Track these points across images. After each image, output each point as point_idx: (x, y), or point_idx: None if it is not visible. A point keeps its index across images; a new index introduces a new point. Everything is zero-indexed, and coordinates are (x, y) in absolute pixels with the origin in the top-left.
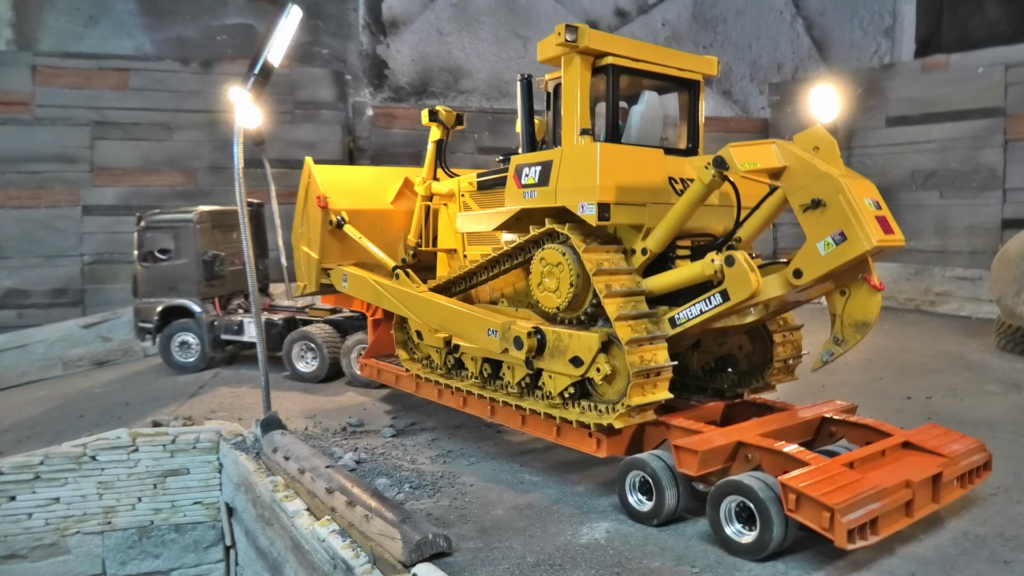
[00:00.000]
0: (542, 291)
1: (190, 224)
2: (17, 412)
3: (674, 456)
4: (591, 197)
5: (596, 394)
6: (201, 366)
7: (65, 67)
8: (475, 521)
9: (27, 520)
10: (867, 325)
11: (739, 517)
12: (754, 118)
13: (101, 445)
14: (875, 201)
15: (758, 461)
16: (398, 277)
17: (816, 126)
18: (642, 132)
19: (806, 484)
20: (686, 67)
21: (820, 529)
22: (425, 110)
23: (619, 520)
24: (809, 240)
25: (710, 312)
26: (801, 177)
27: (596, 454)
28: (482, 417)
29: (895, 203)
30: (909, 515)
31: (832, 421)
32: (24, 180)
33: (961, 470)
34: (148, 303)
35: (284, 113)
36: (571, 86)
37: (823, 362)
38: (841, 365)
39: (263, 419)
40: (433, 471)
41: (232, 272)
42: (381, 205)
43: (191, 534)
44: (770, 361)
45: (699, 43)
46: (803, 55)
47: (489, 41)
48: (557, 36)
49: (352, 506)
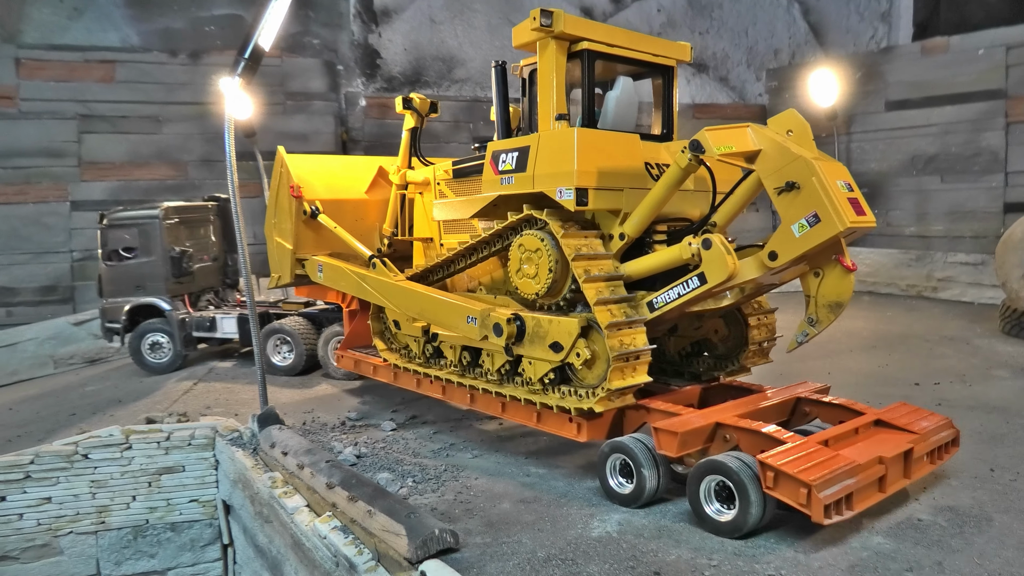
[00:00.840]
0: (521, 277)
1: (155, 220)
2: (7, 411)
3: (654, 438)
4: (569, 182)
5: (576, 379)
6: (174, 366)
7: (50, 60)
8: (482, 515)
9: (18, 521)
10: (841, 306)
11: (719, 496)
12: (751, 104)
13: (94, 443)
14: (847, 183)
15: (736, 441)
16: (375, 267)
17: (790, 110)
18: (617, 118)
19: (784, 462)
20: (660, 53)
21: (798, 505)
22: (399, 98)
23: (630, 512)
24: (784, 222)
25: (688, 295)
26: (775, 160)
27: (576, 439)
28: (461, 406)
29: (895, 188)
30: (882, 490)
31: (806, 401)
32: (10, 175)
33: (931, 446)
34: (115, 303)
35: (275, 104)
36: (547, 71)
37: (798, 343)
38: (845, 351)
39: (260, 414)
40: (436, 465)
41: (200, 269)
42: (355, 195)
43: (187, 533)
44: (745, 344)
45: (695, 29)
46: (800, 40)
47: (482, 29)
48: (532, 21)
49: (354, 501)
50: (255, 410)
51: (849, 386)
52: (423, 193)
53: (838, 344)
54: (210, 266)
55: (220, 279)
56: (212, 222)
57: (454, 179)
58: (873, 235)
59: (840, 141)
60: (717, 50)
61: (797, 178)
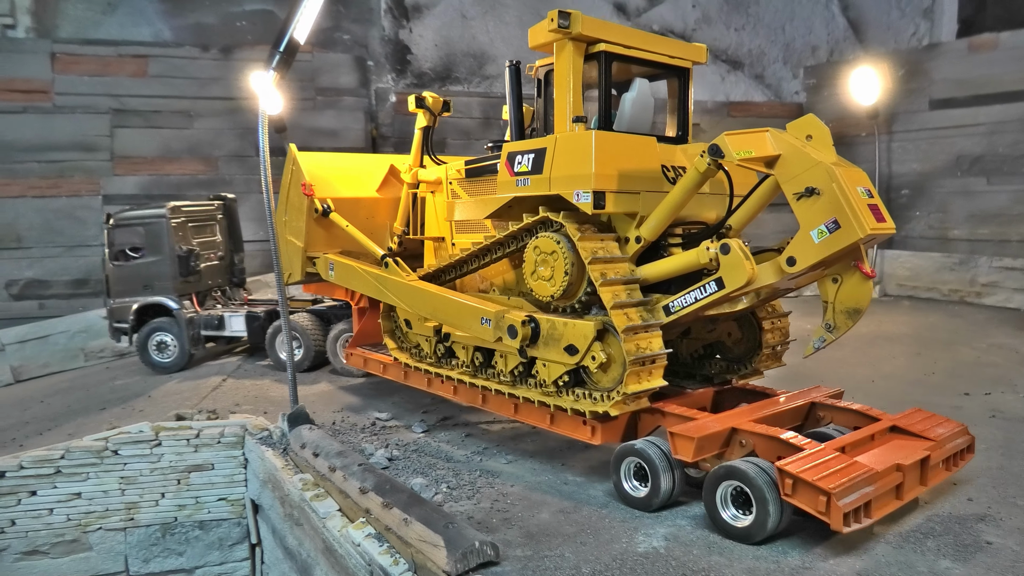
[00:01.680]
0: (536, 279)
1: (162, 220)
2: (38, 403)
3: (670, 443)
4: (586, 185)
5: (591, 382)
6: (180, 365)
7: (84, 54)
8: (520, 526)
9: (48, 515)
10: (859, 312)
11: (735, 502)
12: (788, 103)
13: (123, 439)
14: (867, 189)
15: (752, 447)
16: (387, 266)
17: (809, 115)
18: (633, 119)
19: (802, 469)
20: (677, 54)
21: (816, 513)
22: (412, 96)
23: (676, 526)
24: (802, 228)
25: (705, 300)
26: (795, 166)
27: (591, 441)
28: (473, 405)
29: (939, 189)
30: (899, 498)
31: (820, 406)
32: (44, 169)
33: (946, 453)
34: (122, 303)
35: (306, 100)
36: (564, 73)
37: (815, 348)
38: (888, 358)
39: (290, 413)
40: (470, 470)
41: (207, 268)
42: (367, 193)
43: (215, 531)
44: (759, 348)
45: (730, 25)
46: (838, 37)
47: (514, 24)
48: (550, 22)
49: (389, 508)
50: (285, 408)
51: (895, 396)
52: (435, 192)
53: (880, 351)
54: (216, 265)
55: (227, 278)
56: (218, 221)
57: (467, 179)
58: (914, 238)
59: (881, 141)
60: (753, 47)
61: (817, 184)
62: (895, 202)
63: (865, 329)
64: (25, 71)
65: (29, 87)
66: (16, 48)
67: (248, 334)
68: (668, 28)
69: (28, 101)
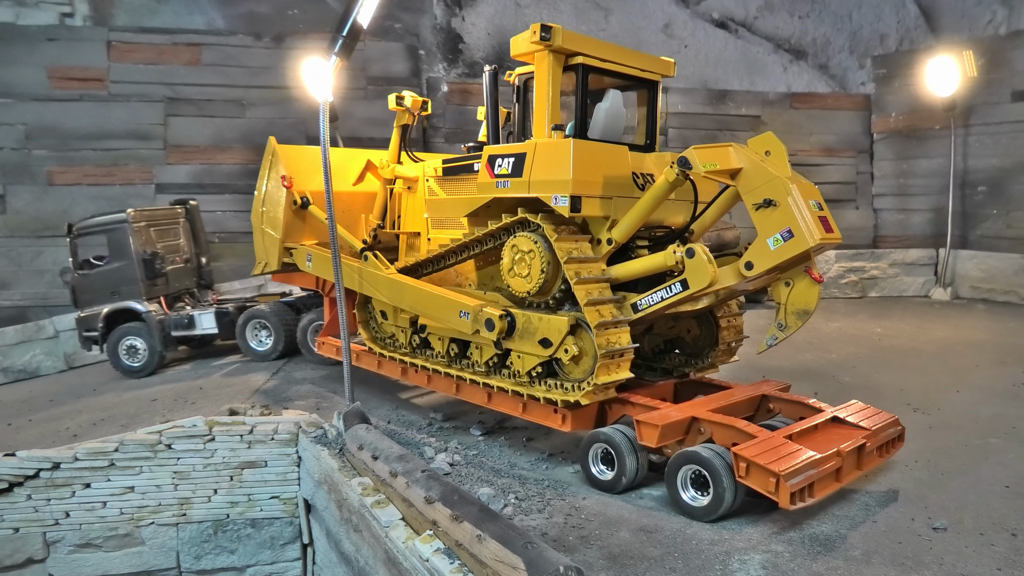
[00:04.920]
0: (513, 276)
1: (124, 224)
2: (91, 391)
3: (636, 430)
4: (564, 190)
5: (563, 373)
6: (150, 369)
7: (139, 42)
8: (600, 545)
9: (102, 509)
10: (807, 313)
11: (694, 484)
12: (854, 94)
13: (177, 433)
14: (818, 203)
15: (710, 434)
16: (367, 259)
17: (768, 132)
18: (606, 128)
19: (755, 454)
20: (647, 68)
21: (767, 492)
22: (392, 95)
23: (772, 552)
24: (760, 236)
25: (670, 299)
26: (755, 179)
27: (561, 428)
28: (447, 394)
29: (1019, 187)
30: (838, 480)
31: (770, 398)
32: (99, 157)
33: (880, 441)
34: (91, 311)
35: (357, 89)
36: (543, 82)
37: (768, 345)
38: (971, 367)
39: (345, 411)
40: (537, 479)
41: (174, 271)
42: (344, 187)
43: (267, 530)
44: (715, 344)
45: (794, 12)
46: (909, 25)
47: (568, 12)
48: (532, 34)
49: (459, 522)
50: (340, 406)
51: (985, 408)
52: (411, 188)
53: (960, 358)
54: (183, 268)
55: (195, 280)
56: (181, 225)
57: (443, 177)
58: (990, 237)
59: (957, 134)
60: (817, 35)
61: (774, 196)
62: (970, 199)
63: (941, 334)
64: (82, 59)
65: (86, 75)
66: (74, 36)
67: (219, 329)
68: (728, 16)
69: (84, 89)
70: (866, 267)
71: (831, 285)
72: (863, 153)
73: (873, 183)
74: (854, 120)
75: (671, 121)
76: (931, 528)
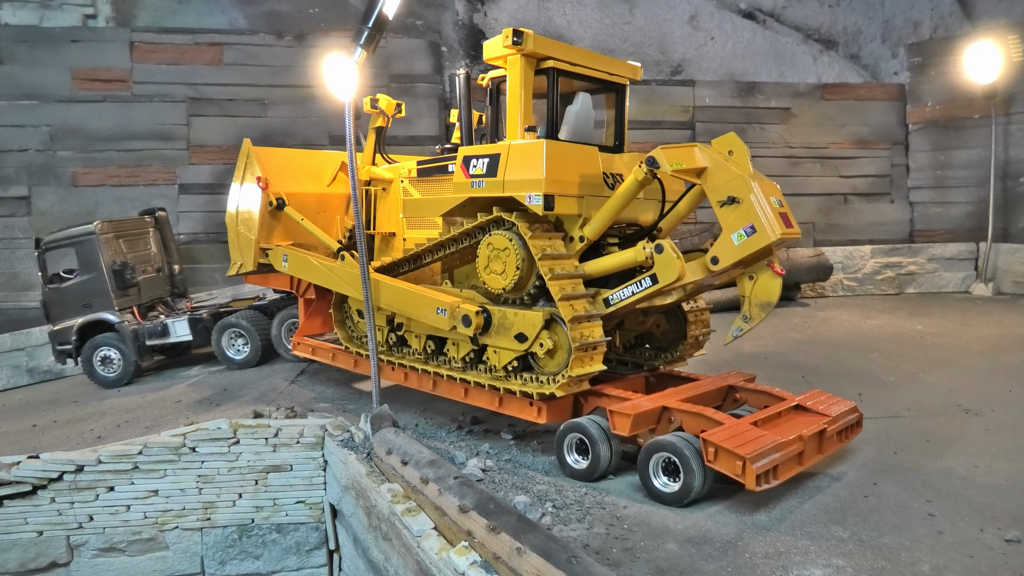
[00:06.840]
0: (488, 273)
1: (92, 236)
2: (116, 392)
3: (609, 420)
4: (538, 189)
5: (538, 367)
6: (126, 379)
7: (161, 43)
8: (646, 559)
9: (125, 512)
10: (770, 305)
11: (665, 471)
12: (887, 84)
13: (201, 436)
14: (778, 200)
15: (680, 423)
16: (343, 259)
17: (730, 133)
18: (576, 129)
19: (723, 439)
20: (615, 72)
21: (734, 475)
22: (367, 98)
23: (833, 567)
24: (724, 232)
25: (641, 293)
26: (719, 177)
27: (536, 421)
28: (424, 391)
29: None
30: (800, 463)
31: (737, 388)
32: (123, 158)
33: (840, 427)
34: (64, 325)
35: (379, 87)
36: (516, 85)
37: (733, 337)
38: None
39: (373, 414)
40: (574, 486)
41: (145, 280)
42: (319, 188)
43: (293, 535)
44: (683, 337)
45: (824, 2)
46: (943, 12)
47: (592, 6)
48: (504, 39)
49: (496, 532)
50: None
51: None
52: (386, 189)
53: (1010, 356)
54: (155, 277)
55: (168, 289)
56: (151, 235)
57: (418, 178)
58: None
59: (998, 123)
60: (848, 24)
61: (737, 194)
62: (1012, 190)
63: (986, 331)
64: (105, 60)
65: (109, 76)
66: (97, 37)
67: (193, 336)
68: (756, 6)
69: (108, 90)
70: (903, 262)
71: (866, 282)
72: (898, 145)
73: (909, 175)
74: (888, 111)
75: (699, 115)
76: (1003, 540)
